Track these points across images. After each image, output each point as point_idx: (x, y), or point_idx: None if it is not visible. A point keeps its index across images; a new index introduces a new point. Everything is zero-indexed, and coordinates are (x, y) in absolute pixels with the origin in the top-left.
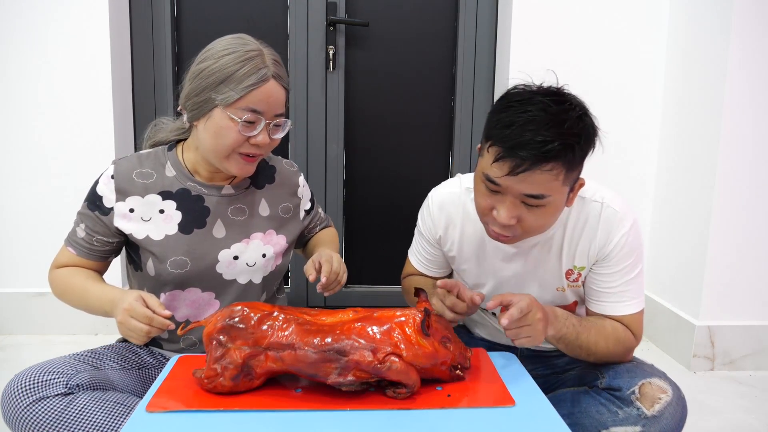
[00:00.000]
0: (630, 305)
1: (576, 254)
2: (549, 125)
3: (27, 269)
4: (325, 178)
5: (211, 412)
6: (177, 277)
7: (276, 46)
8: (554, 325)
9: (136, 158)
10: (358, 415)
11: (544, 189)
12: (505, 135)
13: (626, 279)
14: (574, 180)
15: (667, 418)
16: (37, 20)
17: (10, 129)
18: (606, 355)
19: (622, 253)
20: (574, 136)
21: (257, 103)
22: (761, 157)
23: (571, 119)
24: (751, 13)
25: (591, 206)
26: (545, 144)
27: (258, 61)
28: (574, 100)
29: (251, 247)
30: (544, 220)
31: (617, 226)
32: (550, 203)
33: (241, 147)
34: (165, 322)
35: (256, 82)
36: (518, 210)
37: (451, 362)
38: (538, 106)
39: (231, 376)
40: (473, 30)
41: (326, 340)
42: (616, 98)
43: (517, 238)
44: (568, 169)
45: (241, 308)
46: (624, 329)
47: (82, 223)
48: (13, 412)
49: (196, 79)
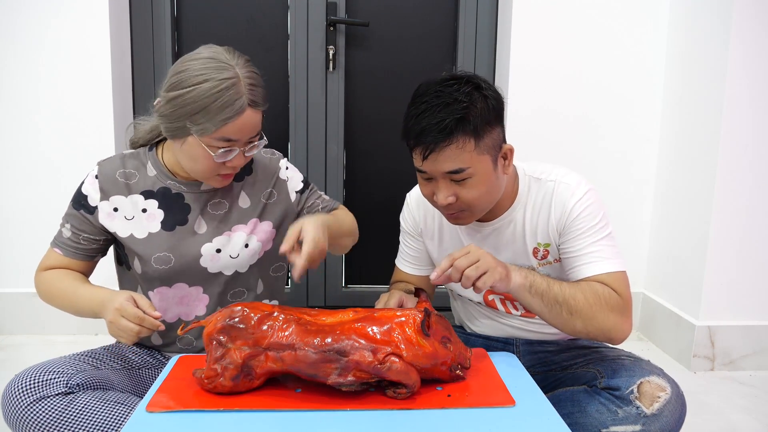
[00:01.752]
0: (603, 264)
1: (537, 232)
2: (441, 107)
3: (27, 269)
4: (325, 178)
5: (211, 412)
6: (162, 273)
7: (276, 46)
8: (519, 272)
9: (119, 158)
10: (358, 415)
11: (460, 162)
12: (409, 128)
13: (593, 240)
14: (493, 147)
15: (666, 416)
16: (37, 20)
17: (11, 129)
18: (590, 312)
19: (581, 217)
20: (465, 108)
21: (232, 133)
22: (761, 157)
23: (460, 95)
24: (751, 13)
25: (546, 186)
26: (440, 124)
27: (233, 91)
28: (469, 79)
29: (234, 240)
30: (479, 191)
31: (571, 196)
32: (475, 173)
33: (218, 169)
34: (155, 323)
35: (231, 115)
36: (451, 188)
37: (451, 362)
38: (432, 95)
39: (231, 377)
40: (473, 30)
41: (326, 341)
42: (616, 98)
43: (469, 216)
44: (474, 137)
45: (242, 308)
46: (602, 285)
47: (67, 224)
48: (14, 411)
49: (170, 104)
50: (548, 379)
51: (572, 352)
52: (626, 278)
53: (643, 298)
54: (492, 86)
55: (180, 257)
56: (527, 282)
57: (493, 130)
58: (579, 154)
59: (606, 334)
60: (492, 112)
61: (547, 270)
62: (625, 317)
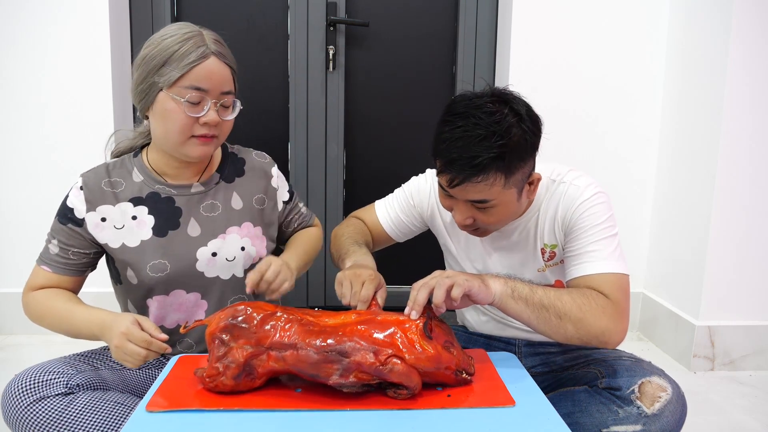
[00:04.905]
0: (599, 265)
1: (545, 232)
2: (478, 139)
3: (27, 269)
4: (325, 178)
5: (211, 411)
6: (159, 281)
7: (276, 46)
8: (497, 280)
9: (103, 168)
10: (358, 416)
11: (486, 195)
12: (440, 150)
13: (594, 240)
14: (522, 179)
15: (667, 416)
16: (38, 21)
17: (11, 130)
18: (579, 315)
19: (585, 216)
20: (503, 146)
21: (200, 80)
22: (761, 157)
23: (500, 130)
24: (751, 13)
25: (559, 188)
26: (473, 159)
27: (197, 39)
28: (512, 106)
29: (228, 242)
30: (499, 217)
31: (577, 197)
32: (498, 204)
33: (193, 129)
34: (163, 346)
35: (196, 59)
36: (470, 212)
37: (456, 367)
38: (471, 120)
39: (233, 375)
40: (473, 30)
41: (328, 341)
42: (616, 98)
43: (483, 232)
44: (506, 174)
45: (244, 308)
46: (590, 290)
47: (54, 239)
48: (14, 412)
49: (138, 69)
50: (549, 380)
51: (574, 353)
52: (623, 281)
53: (643, 298)
54: (532, 114)
55: (175, 263)
56: (508, 288)
57: (525, 164)
58: (579, 153)
59: (599, 338)
60: (528, 148)
61: (555, 272)
62: (618, 321)
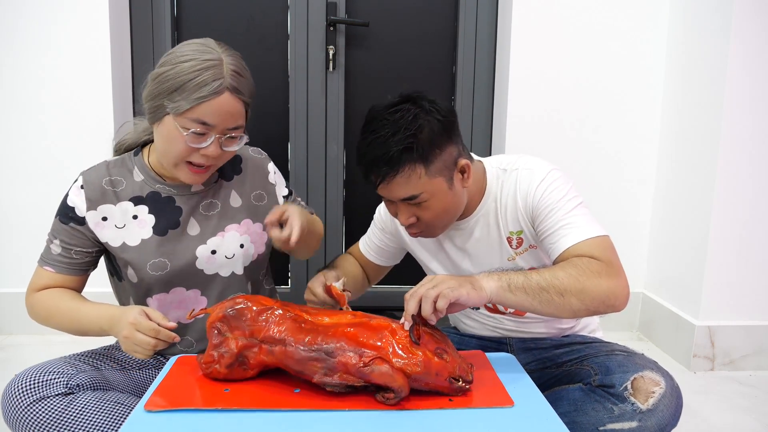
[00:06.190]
0: (578, 233)
1: (508, 221)
2: (386, 137)
3: (28, 269)
4: (325, 178)
5: (210, 411)
6: (159, 279)
7: (276, 46)
8: (490, 277)
9: (104, 167)
10: (357, 416)
11: (412, 189)
12: (359, 159)
13: (563, 214)
14: (446, 167)
15: (662, 410)
16: (38, 21)
17: (11, 130)
18: (579, 285)
19: (545, 195)
20: (411, 137)
21: (207, 116)
22: (761, 157)
23: (406, 123)
24: (751, 13)
25: (512, 175)
26: (385, 155)
27: (215, 71)
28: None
29: (227, 240)
30: (436, 211)
31: (532, 179)
32: (431, 196)
33: (191, 156)
34: (171, 334)
35: (207, 94)
36: (410, 210)
37: (449, 374)
38: (379, 124)
39: (226, 364)
40: (473, 30)
41: (316, 340)
42: (616, 98)
43: (431, 232)
44: (424, 163)
45: (243, 300)
46: (579, 258)
47: (56, 239)
48: (14, 412)
49: (153, 83)
50: (544, 377)
51: (565, 348)
52: (607, 242)
53: (643, 298)
54: (439, 104)
55: (175, 261)
56: (503, 282)
57: (443, 151)
58: (579, 154)
59: (605, 303)
60: (440, 135)
61: (525, 258)
62: (617, 278)
